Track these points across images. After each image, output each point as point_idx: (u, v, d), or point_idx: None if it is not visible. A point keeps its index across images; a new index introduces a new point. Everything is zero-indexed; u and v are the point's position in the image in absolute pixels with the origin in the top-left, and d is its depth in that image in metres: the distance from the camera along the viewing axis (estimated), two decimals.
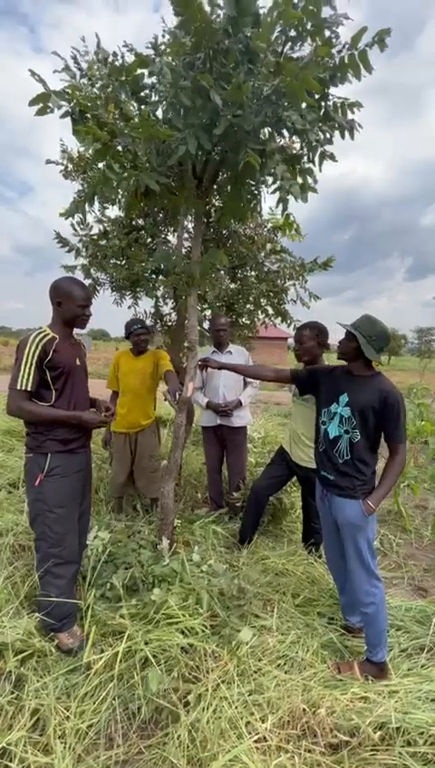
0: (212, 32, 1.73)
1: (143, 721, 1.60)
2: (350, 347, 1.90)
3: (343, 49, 1.84)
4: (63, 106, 1.76)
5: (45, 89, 1.69)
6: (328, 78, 1.88)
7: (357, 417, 1.86)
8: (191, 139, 1.83)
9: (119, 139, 1.85)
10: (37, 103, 1.69)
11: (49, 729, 1.48)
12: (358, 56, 1.80)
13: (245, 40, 1.73)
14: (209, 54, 1.80)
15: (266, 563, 2.62)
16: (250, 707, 1.59)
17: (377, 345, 1.86)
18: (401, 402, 1.82)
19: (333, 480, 1.94)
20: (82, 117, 1.81)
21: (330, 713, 1.57)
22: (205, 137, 1.87)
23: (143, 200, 2.38)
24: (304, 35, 1.80)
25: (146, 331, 3.08)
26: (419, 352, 39.97)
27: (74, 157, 3.38)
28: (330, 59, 1.84)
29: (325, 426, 1.99)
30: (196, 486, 4.00)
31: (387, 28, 1.74)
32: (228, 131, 1.83)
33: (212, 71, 1.82)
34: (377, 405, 1.82)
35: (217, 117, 1.79)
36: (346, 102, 2.00)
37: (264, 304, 3.84)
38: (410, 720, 1.55)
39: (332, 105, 2.01)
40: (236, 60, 1.76)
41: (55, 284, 1.91)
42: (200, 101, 1.79)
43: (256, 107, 1.80)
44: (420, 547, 3.28)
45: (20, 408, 1.79)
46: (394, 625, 2.19)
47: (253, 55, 1.78)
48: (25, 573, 2.21)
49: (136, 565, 2.18)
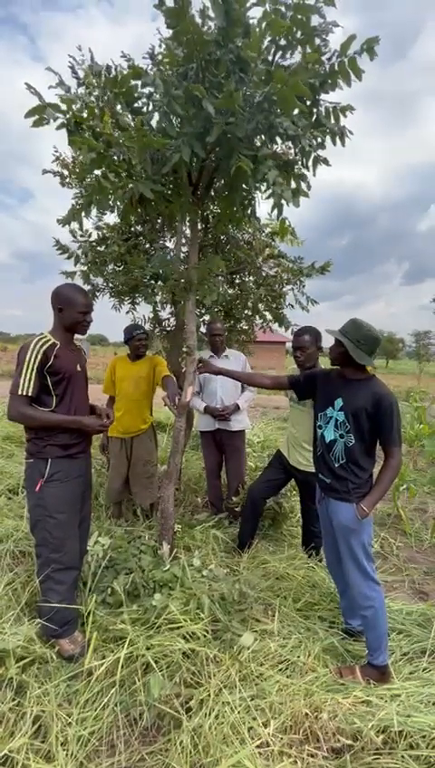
0: (203, 43, 1.76)
1: (145, 727, 1.60)
2: (339, 352, 1.93)
3: (333, 56, 1.88)
4: (59, 118, 1.79)
5: (41, 101, 1.73)
6: (318, 85, 1.92)
7: (351, 420, 1.87)
8: (185, 148, 1.86)
9: (114, 148, 1.88)
10: (33, 115, 1.72)
11: (51, 736, 1.47)
12: (347, 63, 1.84)
13: (236, 50, 1.76)
14: (201, 65, 1.84)
15: (267, 568, 2.62)
16: (252, 712, 1.59)
17: (366, 348, 1.88)
18: (394, 405, 1.83)
19: (329, 483, 1.96)
20: (78, 128, 1.84)
21: (332, 717, 1.57)
22: (198, 145, 1.90)
23: (139, 208, 2.41)
24: (294, 44, 1.84)
25: (146, 336, 3.10)
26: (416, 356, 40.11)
27: (69, 164, 3.42)
28: (320, 65, 1.88)
29: (322, 430, 2.01)
30: (196, 491, 3.99)
31: (375, 36, 1.79)
32: (221, 139, 1.86)
33: (204, 80, 1.86)
34: (370, 408, 1.83)
35: (209, 125, 1.82)
36: (338, 107, 2.04)
37: (262, 309, 3.86)
38: (412, 723, 1.55)
39: (323, 111, 2.05)
40: (227, 69, 1.80)
41: (57, 291, 1.93)
42: (193, 110, 1.82)
43: (248, 114, 1.83)
44: (420, 550, 3.28)
45: (21, 413, 1.80)
46: (395, 628, 2.19)
47: (244, 64, 1.81)
48: (26, 579, 2.21)
49: (137, 570, 2.18)
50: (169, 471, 2.52)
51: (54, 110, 1.77)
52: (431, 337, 40.73)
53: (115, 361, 3.19)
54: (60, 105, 1.79)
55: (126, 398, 3.04)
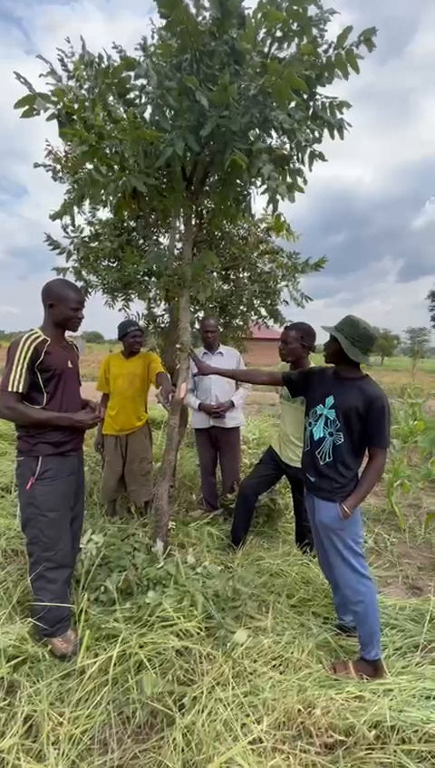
0: (197, 33, 1.73)
1: (138, 725, 1.59)
2: (334, 349, 1.91)
3: (330, 48, 1.86)
4: (50, 108, 1.76)
5: (31, 91, 1.69)
6: (315, 77, 1.90)
7: (341, 419, 1.86)
8: (179, 141, 1.84)
9: (106, 141, 1.85)
10: (23, 105, 1.69)
11: (42, 735, 1.46)
12: (345, 55, 1.81)
13: (230, 41, 1.74)
14: (196, 56, 1.81)
15: (261, 564, 2.62)
16: (245, 709, 1.59)
17: (361, 346, 1.86)
18: (386, 407, 1.81)
19: (314, 482, 1.95)
20: (69, 119, 1.81)
21: (325, 713, 1.57)
22: (192, 138, 1.87)
23: (132, 202, 2.38)
24: (290, 35, 1.81)
25: (141, 332, 3.08)
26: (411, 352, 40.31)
27: (62, 158, 3.37)
28: (316, 58, 1.86)
29: (311, 427, 2.00)
30: (190, 488, 3.99)
31: (372, 27, 1.77)
32: (215, 132, 1.83)
33: (199, 72, 1.83)
34: (362, 409, 1.81)
35: (203, 118, 1.80)
36: (334, 102, 2.02)
37: (257, 305, 3.85)
38: (404, 718, 1.56)
39: (320, 105, 2.03)
40: (222, 61, 1.77)
41: (47, 287, 1.90)
42: (187, 103, 1.79)
43: (243, 107, 1.81)
44: (413, 546, 3.29)
45: (10, 410, 1.78)
46: (389, 624, 2.20)
47: (239, 56, 1.78)
48: (18, 578, 2.19)
49: (130, 568, 2.17)
50: (163, 468, 2.51)
51: (45, 100, 1.73)
52: (426, 334, 40.94)
53: (109, 358, 3.17)
54: (50, 95, 1.75)
55: (121, 396, 3.02)
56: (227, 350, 3.37)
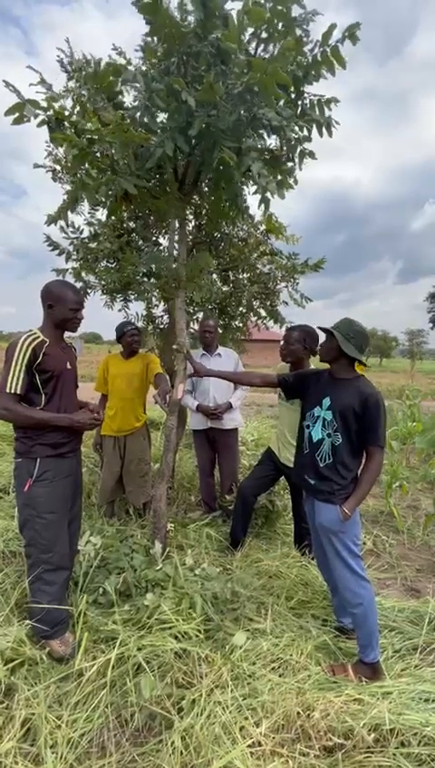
0: (181, 36, 1.74)
1: (136, 728, 1.58)
2: (330, 346, 1.93)
3: (316, 47, 1.86)
4: (39, 115, 1.76)
5: (20, 98, 1.70)
6: (302, 75, 1.90)
7: (339, 419, 1.86)
8: (168, 142, 1.84)
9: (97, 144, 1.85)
10: (13, 113, 1.69)
11: (40, 739, 1.45)
12: (330, 52, 1.82)
13: (215, 42, 1.74)
14: (182, 58, 1.82)
15: (260, 566, 2.61)
16: (244, 712, 1.58)
17: (356, 343, 1.88)
18: (381, 405, 1.82)
19: (313, 484, 1.95)
20: (59, 124, 1.81)
21: (324, 715, 1.56)
22: (181, 138, 1.88)
23: (125, 204, 2.38)
24: (275, 36, 1.82)
25: (138, 331, 3.08)
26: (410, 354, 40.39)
27: (61, 159, 3.37)
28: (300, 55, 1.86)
29: (309, 429, 2.00)
30: (189, 489, 3.98)
31: (356, 22, 1.78)
32: (204, 132, 1.84)
33: (186, 74, 1.83)
34: (358, 407, 1.82)
35: (192, 118, 1.80)
36: (323, 99, 2.03)
37: (256, 306, 3.85)
38: (404, 721, 1.55)
39: (308, 102, 2.03)
40: (207, 62, 1.77)
41: (47, 287, 1.90)
42: (175, 104, 1.80)
43: (231, 106, 1.81)
44: (412, 548, 3.29)
45: (9, 411, 1.77)
46: (387, 626, 2.20)
47: (224, 56, 1.78)
48: (16, 580, 2.18)
49: (129, 570, 2.16)
50: (161, 470, 2.50)
51: (34, 106, 1.74)
52: (424, 335, 41.01)
53: (108, 359, 3.16)
54: (39, 102, 1.76)
55: (119, 396, 3.02)
56: (225, 351, 3.37)
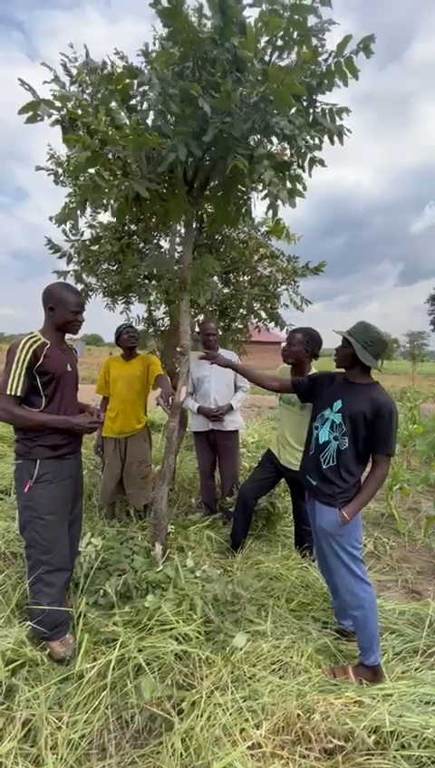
0: (199, 41, 1.75)
1: (136, 730, 1.58)
2: (345, 353, 1.91)
3: (330, 57, 1.88)
4: (53, 114, 1.77)
5: (35, 97, 1.70)
6: (316, 85, 1.92)
7: (348, 423, 1.85)
8: (181, 147, 1.85)
9: (109, 146, 1.86)
10: (27, 111, 1.70)
11: (40, 740, 1.46)
12: (344, 63, 1.83)
13: (232, 49, 1.76)
14: (198, 63, 1.83)
15: (260, 568, 2.61)
16: (244, 714, 1.58)
17: (373, 350, 1.86)
18: (393, 415, 1.80)
19: (315, 486, 1.95)
20: (72, 125, 1.82)
21: (324, 718, 1.56)
22: (194, 144, 1.89)
23: (134, 206, 2.39)
24: (290, 44, 1.83)
25: (133, 329, 3.11)
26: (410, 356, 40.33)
27: (64, 162, 3.39)
28: (316, 66, 1.88)
29: (317, 431, 2.00)
30: (189, 491, 3.98)
31: (371, 35, 1.79)
32: (217, 138, 1.85)
33: (201, 79, 1.85)
34: (369, 414, 1.81)
35: (205, 124, 1.81)
36: (334, 108, 2.04)
37: (257, 308, 3.86)
38: (404, 723, 1.55)
39: (320, 111, 2.04)
40: (223, 68, 1.79)
41: (48, 290, 1.90)
42: (189, 109, 1.81)
43: (245, 114, 1.82)
44: (413, 550, 3.29)
45: (9, 413, 1.78)
46: (388, 628, 2.20)
47: (240, 63, 1.80)
48: (17, 581, 2.18)
49: (129, 571, 2.16)
50: (162, 471, 2.50)
51: (49, 106, 1.75)
52: (425, 337, 40.93)
53: (109, 362, 3.17)
54: (54, 102, 1.77)
55: (120, 399, 3.02)
56: (226, 353, 3.38)
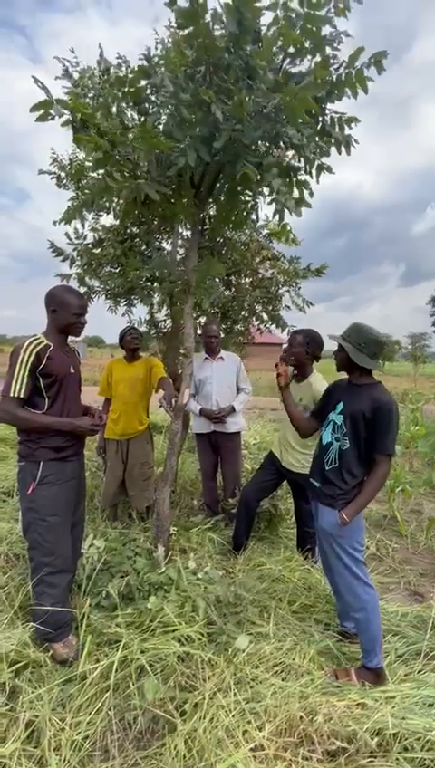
0: (214, 47, 1.75)
1: (139, 731, 1.58)
2: (342, 357, 1.92)
3: (341, 67, 1.88)
4: (65, 114, 1.78)
5: (48, 96, 1.71)
6: (325, 95, 1.92)
7: (348, 424, 1.85)
8: (191, 151, 1.85)
9: (119, 148, 1.87)
10: (39, 110, 1.70)
11: (44, 741, 1.46)
12: (355, 75, 1.83)
13: (245, 57, 1.76)
14: (210, 69, 1.84)
15: (263, 570, 2.61)
16: (247, 715, 1.58)
17: (368, 352, 1.86)
18: (393, 414, 1.79)
19: (318, 487, 1.96)
20: (84, 126, 1.83)
21: (327, 720, 1.56)
22: (204, 149, 1.90)
23: (140, 208, 2.41)
24: (303, 53, 1.84)
25: (139, 333, 3.13)
26: (412, 357, 40.27)
27: (66, 165, 3.41)
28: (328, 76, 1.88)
29: (322, 433, 2.01)
30: (191, 493, 3.98)
31: (383, 51, 1.79)
32: (227, 144, 1.85)
33: (212, 84, 1.85)
34: (368, 413, 1.80)
35: (216, 130, 1.82)
36: (343, 117, 2.04)
37: (258, 311, 3.87)
38: (407, 726, 1.55)
39: (328, 120, 2.05)
40: (236, 75, 1.79)
41: (51, 292, 1.92)
42: (201, 114, 1.81)
43: (255, 122, 1.83)
44: (415, 552, 3.28)
45: (12, 415, 1.79)
46: (391, 630, 2.19)
47: (253, 72, 1.80)
48: (20, 583, 2.19)
49: (132, 573, 2.17)
50: (164, 473, 2.51)
51: (62, 105, 1.75)
52: (427, 339, 40.85)
53: (112, 363, 3.18)
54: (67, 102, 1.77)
55: (122, 400, 3.03)
56: (227, 355, 3.39)
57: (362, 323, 1.92)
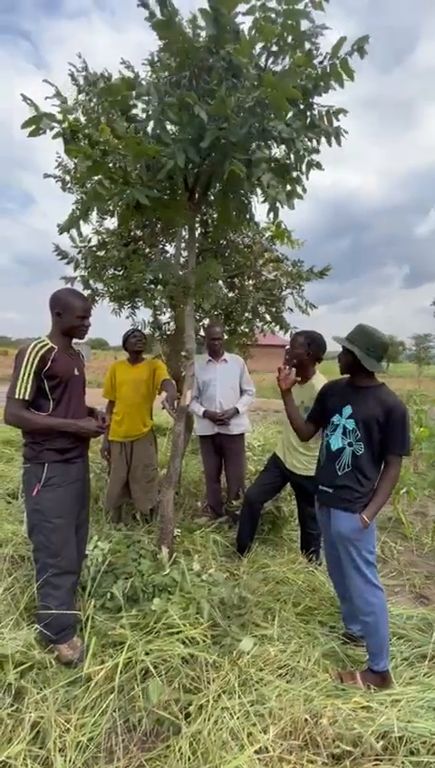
0: (194, 50, 1.78)
1: (144, 733, 1.59)
2: (347, 360, 1.91)
3: (325, 59, 1.90)
4: (55, 127, 1.81)
5: (37, 111, 1.74)
6: (312, 87, 1.94)
7: (362, 429, 1.84)
8: (179, 154, 1.88)
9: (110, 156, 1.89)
10: (29, 126, 1.74)
11: (49, 742, 1.47)
12: (339, 65, 1.85)
13: (227, 56, 1.78)
14: (194, 72, 1.86)
15: (267, 572, 2.60)
16: (252, 718, 1.58)
17: (376, 355, 1.86)
18: (406, 416, 1.81)
19: (330, 494, 1.93)
20: (73, 136, 1.86)
21: (332, 723, 1.56)
22: (192, 150, 1.92)
23: (136, 213, 2.42)
24: (285, 49, 1.86)
25: (141, 334, 3.15)
26: (416, 359, 40.10)
27: (71, 169, 3.44)
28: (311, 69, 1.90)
29: (328, 438, 1.98)
30: (195, 495, 3.99)
31: (365, 36, 1.81)
32: (215, 144, 1.87)
33: (197, 87, 1.87)
34: (382, 418, 1.80)
35: (203, 131, 1.84)
36: (331, 110, 2.06)
37: (261, 312, 3.88)
38: (412, 729, 1.54)
39: (317, 113, 2.06)
40: (219, 76, 1.81)
41: (55, 295, 1.93)
42: (187, 117, 1.84)
43: (241, 119, 1.85)
44: (420, 554, 3.26)
45: (17, 417, 1.80)
46: (396, 633, 2.18)
47: (236, 70, 1.83)
48: (25, 584, 2.20)
49: (136, 575, 2.17)
50: (168, 475, 2.52)
51: (50, 119, 1.79)
52: (431, 340, 40.69)
53: (115, 366, 3.20)
54: (55, 115, 1.80)
55: (126, 402, 3.05)
56: (231, 357, 3.40)
57: (367, 326, 1.92)
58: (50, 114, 1.77)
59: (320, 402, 2.14)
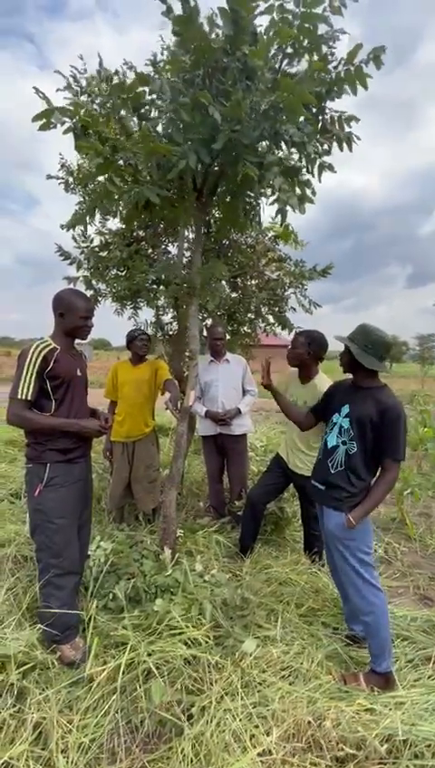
0: (211, 50, 1.77)
1: (146, 734, 1.58)
2: (347, 358, 1.91)
3: (340, 64, 1.89)
4: (66, 122, 1.80)
5: (48, 105, 1.73)
6: (325, 92, 1.93)
7: (356, 428, 1.84)
8: (191, 154, 1.87)
9: (120, 153, 1.89)
10: (40, 119, 1.73)
11: (51, 743, 1.46)
12: (354, 71, 1.84)
13: (242, 58, 1.77)
14: (208, 72, 1.85)
15: (270, 573, 2.60)
16: (254, 720, 1.57)
17: (374, 353, 1.85)
18: (401, 418, 1.78)
19: (322, 491, 1.94)
20: (85, 132, 1.85)
21: (336, 725, 1.55)
22: (204, 151, 1.91)
23: (144, 212, 2.42)
24: (300, 52, 1.85)
25: (147, 336, 3.13)
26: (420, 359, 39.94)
27: (74, 170, 3.45)
28: (326, 74, 1.89)
29: (326, 435, 1.99)
30: (198, 495, 3.98)
31: (381, 46, 1.79)
32: (227, 145, 1.86)
33: (211, 87, 1.86)
34: (375, 418, 1.79)
35: (216, 132, 1.83)
36: (343, 116, 2.05)
37: (264, 312, 3.87)
38: (417, 732, 1.52)
39: (329, 118, 2.05)
40: (234, 77, 1.80)
41: (58, 296, 1.93)
42: (199, 117, 1.83)
43: (254, 122, 1.84)
44: (424, 555, 3.24)
45: (19, 417, 1.80)
46: (400, 635, 2.17)
47: (251, 72, 1.82)
48: (27, 584, 2.20)
49: (138, 575, 2.16)
50: (171, 475, 2.51)
51: (62, 114, 1.78)
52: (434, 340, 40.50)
53: (117, 366, 3.20)
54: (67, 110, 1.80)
55: (128, 403, 3.04)
56: (233, 357, 3.39)
57: (368, 324, 1.91)
58: (62, 108, 1.76)
59: (325, 401, 2.14)
